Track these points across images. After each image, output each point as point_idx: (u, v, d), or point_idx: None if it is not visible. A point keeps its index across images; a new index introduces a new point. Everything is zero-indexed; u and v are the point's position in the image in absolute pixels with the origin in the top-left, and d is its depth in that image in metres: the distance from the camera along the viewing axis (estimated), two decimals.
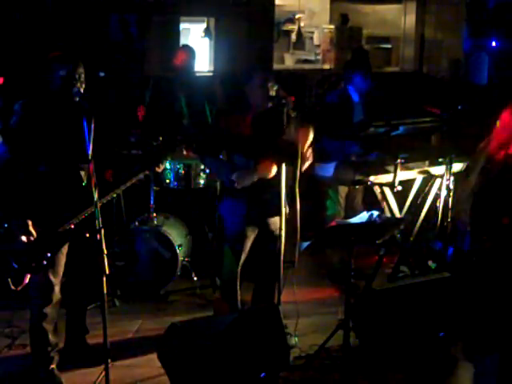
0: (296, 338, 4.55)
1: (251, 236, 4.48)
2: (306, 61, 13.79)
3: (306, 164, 4.46)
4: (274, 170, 4.29)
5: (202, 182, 5.70)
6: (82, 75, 3.87)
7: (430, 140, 6.26)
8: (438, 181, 5.35)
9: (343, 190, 5.87)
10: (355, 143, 5.72)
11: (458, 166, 5.27)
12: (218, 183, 5.44)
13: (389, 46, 13.94)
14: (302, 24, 14.00)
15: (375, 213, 4.11)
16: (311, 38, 14.06)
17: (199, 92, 6.33)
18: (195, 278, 5.55)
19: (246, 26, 10.41)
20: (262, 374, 3.79)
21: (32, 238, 3.72)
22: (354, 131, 5.73)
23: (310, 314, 4.96)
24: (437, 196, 5.36)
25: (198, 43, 10.45)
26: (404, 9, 13.53)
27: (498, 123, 3.16)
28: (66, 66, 3.82)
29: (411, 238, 5.52)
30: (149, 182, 5.45)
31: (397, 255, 5.62)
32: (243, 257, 4.49)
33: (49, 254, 3.82)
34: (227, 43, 10.32)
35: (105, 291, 3.50)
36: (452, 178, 5.14)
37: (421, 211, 5.50)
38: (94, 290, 4.11)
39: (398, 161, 5.09)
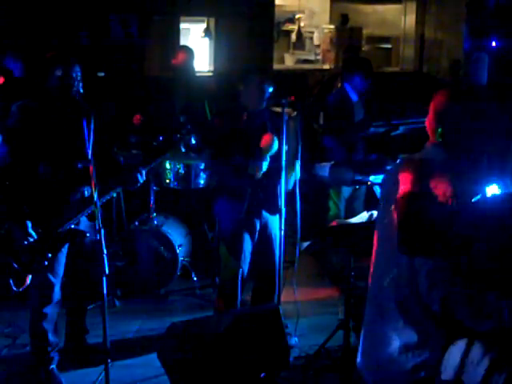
0: (296, 338, 4.55)
1: (249, 235, 4.47)
2: (306, 61, 13.82)
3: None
4: (276, 142, 4.27)
5: (201, 181, 5.70)
6: (79, 74, 3.86)
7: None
8: None
9: (346, 191, 5.86)
10: (358, 143, 5.72)
11: None
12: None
13: (389, 46, 13.95)
14: (302, 24, 14.03)
15: (375, 213, 4.11)
16: (311, 38, 14.09)
17: (199, 92, 6.33)
18: (195, 278, 5.55)
19: (246, 25, 10.41)
20: (262, 374, 3.79)
21: (32, 239, 3.72)
22: (354, 131, 5.74)
23: (310, 314, 4.96)
24: None
25: (198, 43, 10.46)
26: (404, 9, 13.54)
27: None
28: (62, 66, 3.81)
29: None
30: (149, 182, 5.45)
31: None
32: (244, 256, 4.48)
33: (49, 255, 3.81)
34: (227, 43, 10.32)
35: (105, 291, 3.50)
36: None
37: None
38: (94, 290, 4.11)
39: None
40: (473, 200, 2.54)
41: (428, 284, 2.47)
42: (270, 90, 4.36)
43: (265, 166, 4.32)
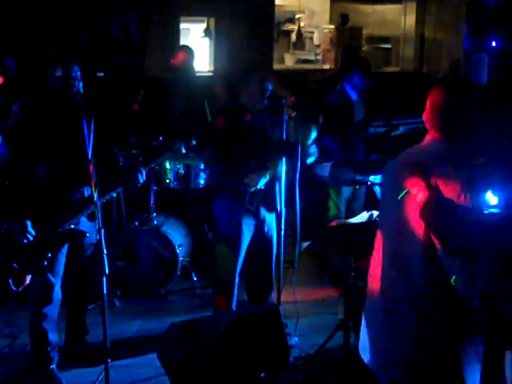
0: (296, 338, 4.55)
1: (247, 233, 4.47)
2: (306, 61, 13.82)
3: (312, 158, 4.48)
4: (280, 165, 4.28)
5: (201, 181, 5.70)
6: (78, 74, 3.86)
7: None
8: None
9: (347, 191, 5.85)
10: (358, 143, 5.72)
11: None
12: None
13: (389, 46, 13.95)
14: (302, 24, 14.03)
15: (375, 213, 4.11)
16: (311, 38, 14.09)
17: (199, 92, 6.33)
18: (195, 278, 5.55)
19: (246, 25, 10.42)
20: (262, 374, 3.79)
21: (32, 239, 3.72)
22: (354, 131, 5.73)
23: (310, 314, 4.95)
24: None
25: (198, 43, 10.46)
26: (404, 9, 13.53)
27: None
28: (62, 66, 3.81)
29: None
30: (149, 182, 5.45)
31: None
32: (241, 256, 4.49)
33: (49, 255, 3.81)
34: (227, 43, 10.33)
35: (105, 291, 3.50)
36: None
37: None
38: (94, 290, 4.11)
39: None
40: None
41: (467, 279, 2.47)
42: (270, 88, 4.36)
43: (262, 182, 4.33)
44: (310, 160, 4.46)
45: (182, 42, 10.12)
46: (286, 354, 3.95)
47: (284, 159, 4.24)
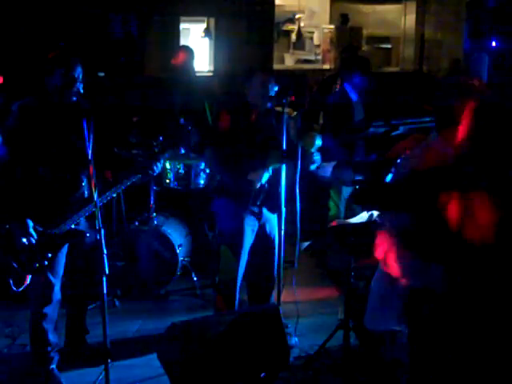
0: (296, 338, 4.55)
1: (249, 234, 4.47)
2: (306, 61, 13.81)
3: (314, 166, 4.50)
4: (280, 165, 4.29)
5: (201, 181, 5.70)
6: (81, 75, 3.86)
7: None
8: None
9: (346, 191, 5.85)
10: (357, 143, 5.72)
11: None
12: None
13: (389, 46, 13.95)
14: (302, 24, 14.02)
15: (375, 213, 4.11)
16: (311, 38, 14.08)
17: (199, 92, 6.33)
18: (195, 278, 5.55)
19: (246, 25, 10.42)
20: (262, 374, 3.79)
21: (32, 239, 3.72)
22: (354, 131, 5.73)
23: (310, 314, 4.95)
24: None
25: (198, 43, 10.46)
26: (404, 9, 13.54)
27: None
28: (65, 66, 3.81)
29: None
30: (149, 181, 5.45)
31: None
32: (244, 256, 4.48)
33: (49, 255, 3.81)
34: (227, 43, 10.33)
35: (105, 291, 3.50)
36: None
37: None
38: (94, 290, 4.11)
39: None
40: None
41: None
42: (275, 89, 4.36)
43: (265, 176, 4.32)
44: (313, 167, 4.46)
45: (182, 42, 10.12)
46: (286, 354, 3.95)
47: (284, 160, 4.24)
